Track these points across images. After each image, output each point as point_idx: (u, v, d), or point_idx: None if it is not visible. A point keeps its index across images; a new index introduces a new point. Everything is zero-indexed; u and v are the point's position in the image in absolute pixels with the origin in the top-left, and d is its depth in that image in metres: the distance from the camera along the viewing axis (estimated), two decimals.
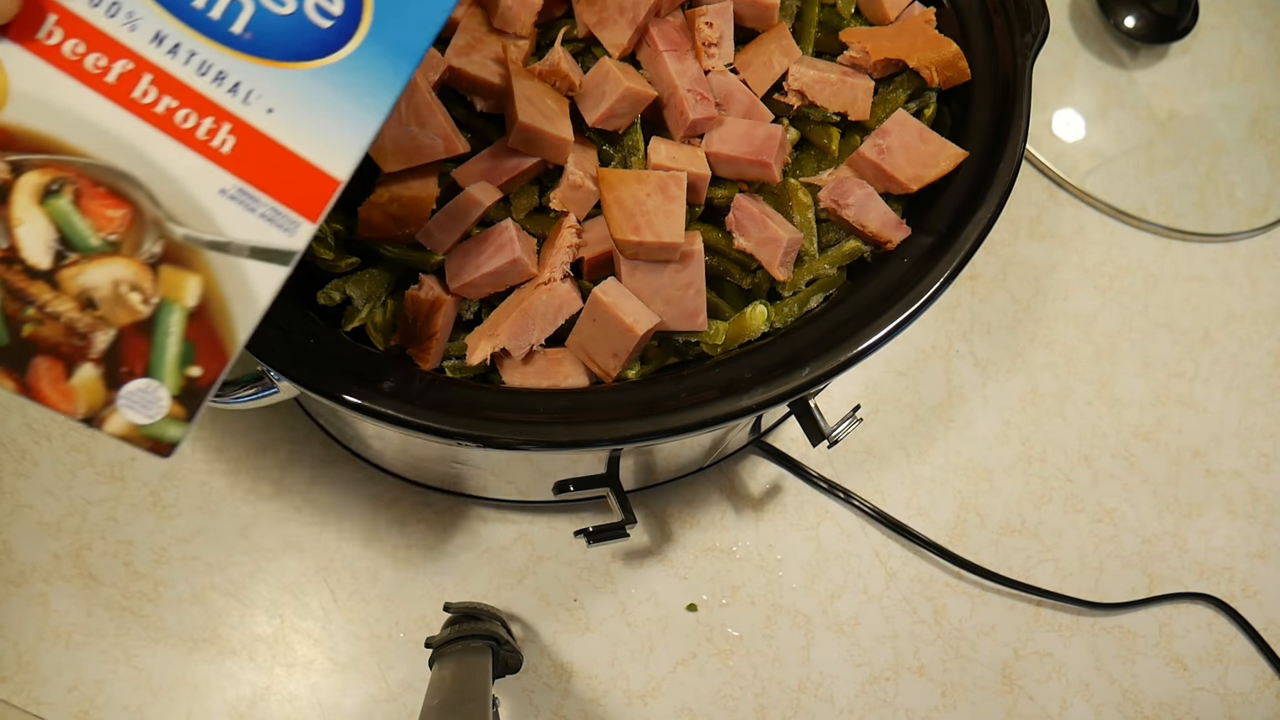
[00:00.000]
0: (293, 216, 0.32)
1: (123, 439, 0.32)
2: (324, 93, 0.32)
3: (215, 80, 0.31)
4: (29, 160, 0.30)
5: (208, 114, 0.31)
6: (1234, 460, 0.69)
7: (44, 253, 0.31)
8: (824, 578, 0.63)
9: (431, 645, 0.52)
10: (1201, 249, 0.74)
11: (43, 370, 0.31)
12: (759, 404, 0.42)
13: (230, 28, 0.31)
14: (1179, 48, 0.78)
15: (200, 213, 0.32)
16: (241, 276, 0.32)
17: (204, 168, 0.31)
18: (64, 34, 0.30)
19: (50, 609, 0.58)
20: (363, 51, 0.32)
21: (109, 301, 0.31)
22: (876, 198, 0.48)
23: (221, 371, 0.33)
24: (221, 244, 0.32)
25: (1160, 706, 0.62)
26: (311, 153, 0.32)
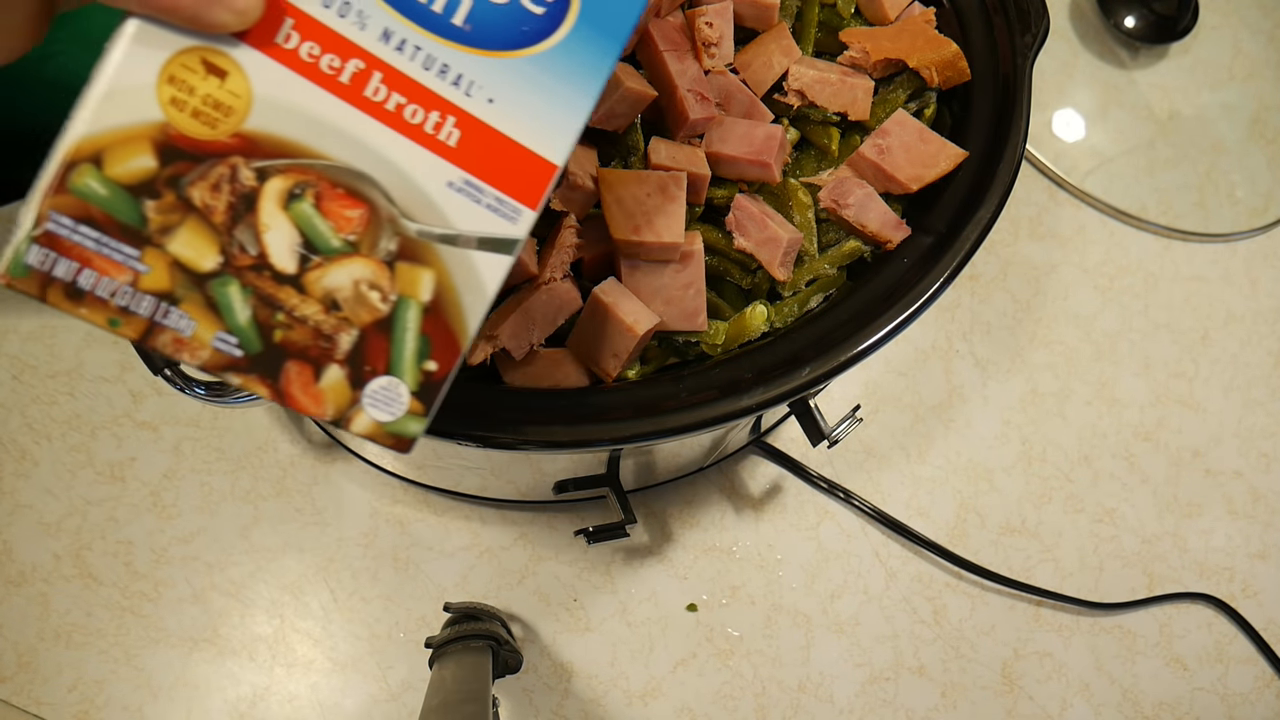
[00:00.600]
0: (515, 205, 0.33)
1: (368, 437, 0.33)
2: (539, 79, 0.32)
3: (439, 74, 0.32)
4: (273, 166, 0.30)
5: (434, 108, 0.32)
6: (1234, 460, 0.69)
7: (290, 257, 0.31)
8: (824, 578, 0.63)
9: (431, 645, 0.52)
10: (1201, 249, 0.74)
11: (294, 374, 0.32)
12: (759, 404, 0.42)
13: (451, 20, 0.31)
14: (1179, 48, 0.78)
15: (431, 207, 0.32)
16: (470, 268, 0.33)
17: (432, 162, 0.32)
18: (300, 37, 0.30)
19: (50, 609, 0.58)
20: (574, 35, 0.33)
21: (351, 302, 0.32)
22: (876, 198, 0.48)
23: (455, 364, 0.33)
24: (451, 237, 0.32)
25: (1160, 706, 0.62)
26: (530, 140, 0.33)
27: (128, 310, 0.30)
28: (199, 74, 0.29)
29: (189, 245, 0.30)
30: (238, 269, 0.31)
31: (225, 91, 0.30)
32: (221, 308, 0.31)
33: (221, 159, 0.30)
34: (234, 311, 0.31)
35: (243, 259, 0.31)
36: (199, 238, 0.30)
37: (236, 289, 0.31)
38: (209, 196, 0.30)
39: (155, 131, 0.29)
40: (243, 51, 0.30)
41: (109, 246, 0.29)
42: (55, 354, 0.62)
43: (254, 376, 0.31)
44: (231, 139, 0.30)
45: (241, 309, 0.31)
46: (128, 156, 0.29)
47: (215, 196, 0.30)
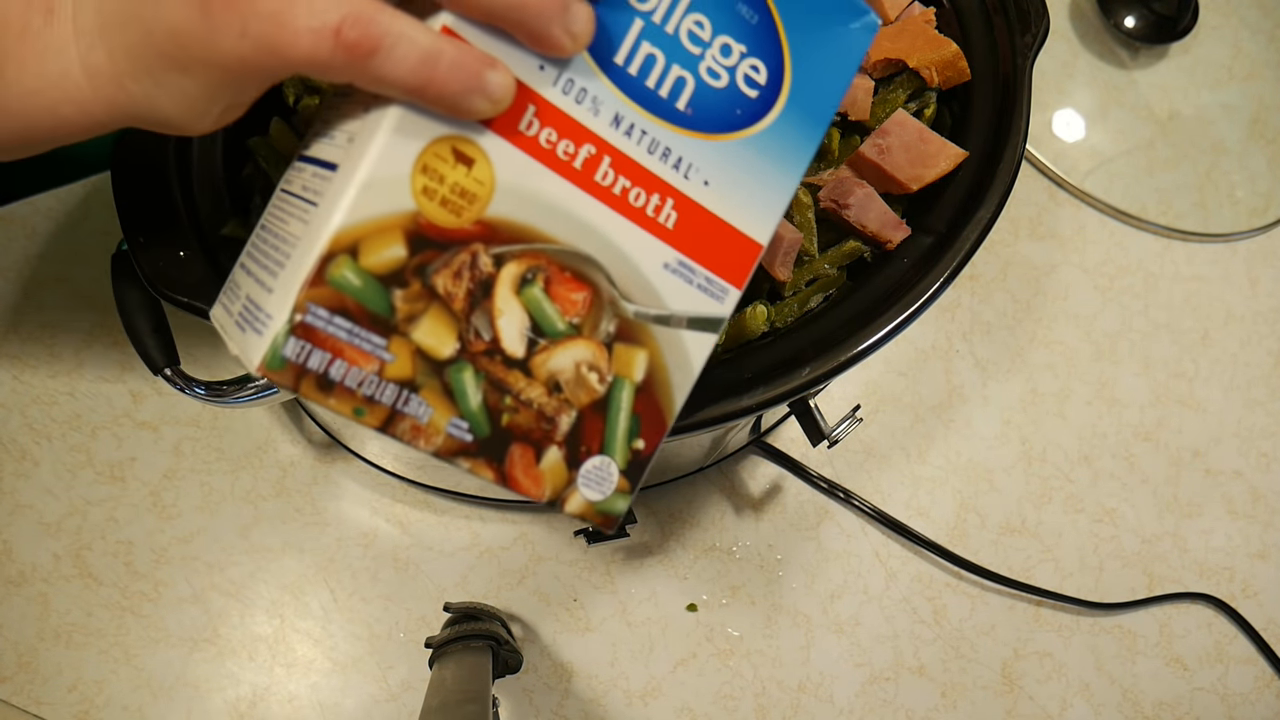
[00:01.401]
0: (722, 284, 0.34)
1: (579, 516, 0.33)
2: (751, 161, 0.33)
3: (662, 157, 0.32)
4: (509, 252, 0.31)
5: (655, 190, 0.32)
6: (1234, 460, 0.69)
7: (519, 341, 0.31)
8: (824, 578, 0.63)
9: (431, 645, 0.52)
10: (1201, 249, 0.74)
11: (517, 457, 0.32)
12: (759, 404, 0.42)
13: (675, 104, 0.32)
14: (1179, 48, 0.78)
15: (647, 288, 0.33)
16: (680, 347, 0.34)
17: (651, 244, 0.32)
18: (540, 124, 0.30)
19: (50, 609, 0.58)
20: (783, 118, 0.34)
21: (572, 383, 0.32)
22: (876, 198, 0.48)
23: (660, 441, 0.34)
24: (665, 317, 0.33)
25: (1160, 706, 0.62)
26: (739, 220, 0.34)
27: (372, 399, 0.30)
28: (449, 162, 0.29)
29: (431, 333, 0.30)
30: (472, 355, 0.31)
31: (471, 179, 0.30)
32: (456, 394, 0.31)
33: (464, 246, 0.30)
34: (467, 397, 0.31)
35: (477, 344, 0.31)
36: (440, 325, 0.30)
37: (470, 374, 0.31)
38: (451, 284, 0.30)
39: (407, 221, 0.29)
40: (489, 139, 0.30)
41: (359, 336, 0.29)
42: (55, 354, 0.62)
43: (482, 460, 0.31)
44: (474, 226, 0.30)
45: (474, 394, 0.31)
46: (382, 247, 0.29)
47: (456, 284, 0.30)
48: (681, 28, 0.32)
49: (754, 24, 0.32)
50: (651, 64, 0.31)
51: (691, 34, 0.32)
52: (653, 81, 0.31)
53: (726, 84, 0.33)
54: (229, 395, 0.45)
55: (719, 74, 0.32)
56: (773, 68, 0.33)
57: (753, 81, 0.33)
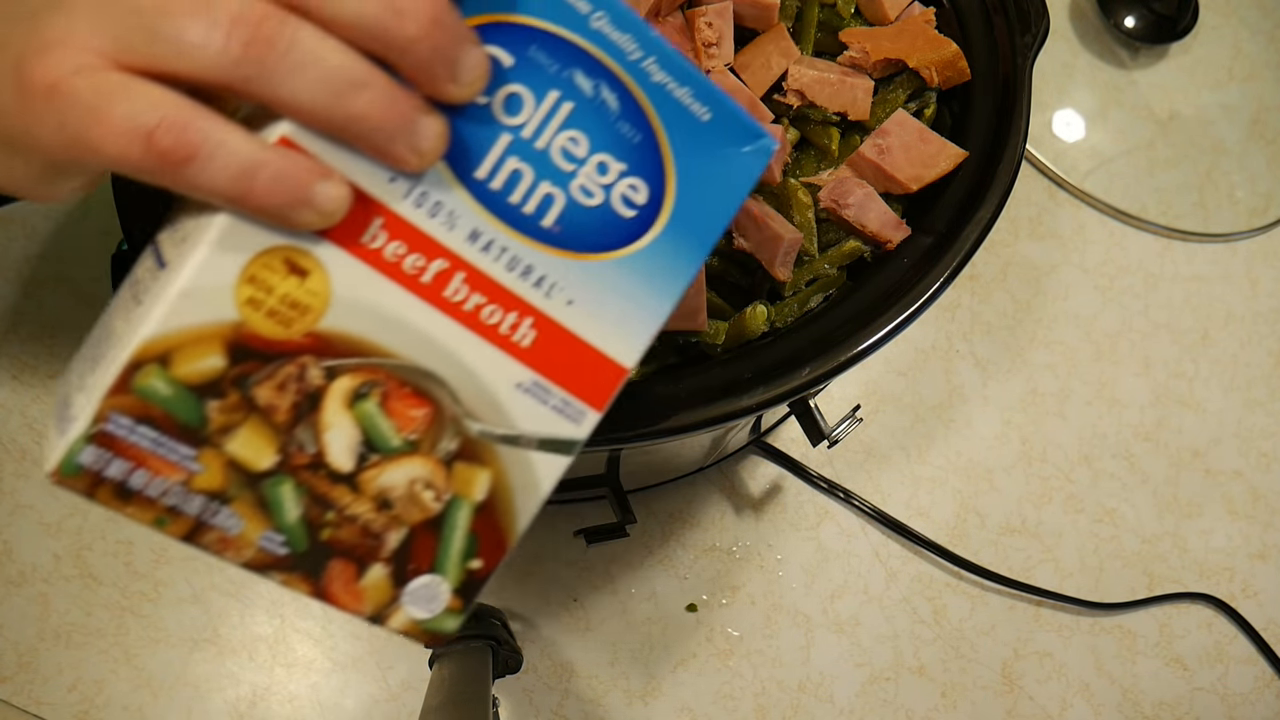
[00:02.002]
0: (581, 406, 0.32)
1: (403, 633, 0.32)
2: (621, 282, 0.32)
3: (522, 275, 0.31)
4: (343, 365, 0.29)
5: (512, 309, 0.31)
6: (1234, 460, 0.69)
7: (347, 456, 0.30)
8: (824, 578, 0.63)
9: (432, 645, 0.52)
10: (1201, 249, 0.74)
11: (336, 573, 0.31)
12: (759, 404, 0.42)
13: (541, 222, 0.31)
14: (1179, 48, 0.78)
15: (496, 407, 0.31)
16: (528, 468, 0.32)
17: (504, 363, 0.31)
18: (387, 236, 0.29)
19: (50, 609, 0.58)
20: (660, 241, 0.32)
21: (404, 500, 0.31)
22: (876, 198, 0.48)
23: (500, 563, 0.33)
24: (513, 438, 0.32)
25: (1160, 706, 0.62)
26: (604, 342, 0.32)
27: (176, 510, 0.28)
28: (280, 273, 0.28)
29: (247, 445, 0.29)
30: (293, 468, 0.29)
31: (304, 290, 0.28)
32: (272, 507, 0.29)
33: (292, 359, 0.29)
34: (284, 511, 0.30)
35: (299, 458, 0.29)
36: (258, 437, 0.29)
37: (290, 488, 0.30)
38: (274, 396, 0.29)
39: (228, 331, 0.28)
40: (327, 250, 0.28)
41: (165, 446, 0.28)
42: (55, 354, 0.62)
43: (297, 575, 0.30)
44: (304, 338, 0.29)
45: (292, 508, 0.30)
46: (197, 357, 0.27)
47: (280, 396, 0.29)
48: (554, 144, 0.30)
49: (636, 142, 0.31)
50: (517, 180, 0.30)
51: (565, 150, 0.30)
52: (517, 198, 0.30)
53: (600, 202, 0.31)
54: None
55: (593, 192, 0.31)
56: (654, 188, 0.32)
57: (630, 201, 0.31)
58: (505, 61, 0.29)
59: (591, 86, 0.30)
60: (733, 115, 0.32)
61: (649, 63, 0.31)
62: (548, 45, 0.30)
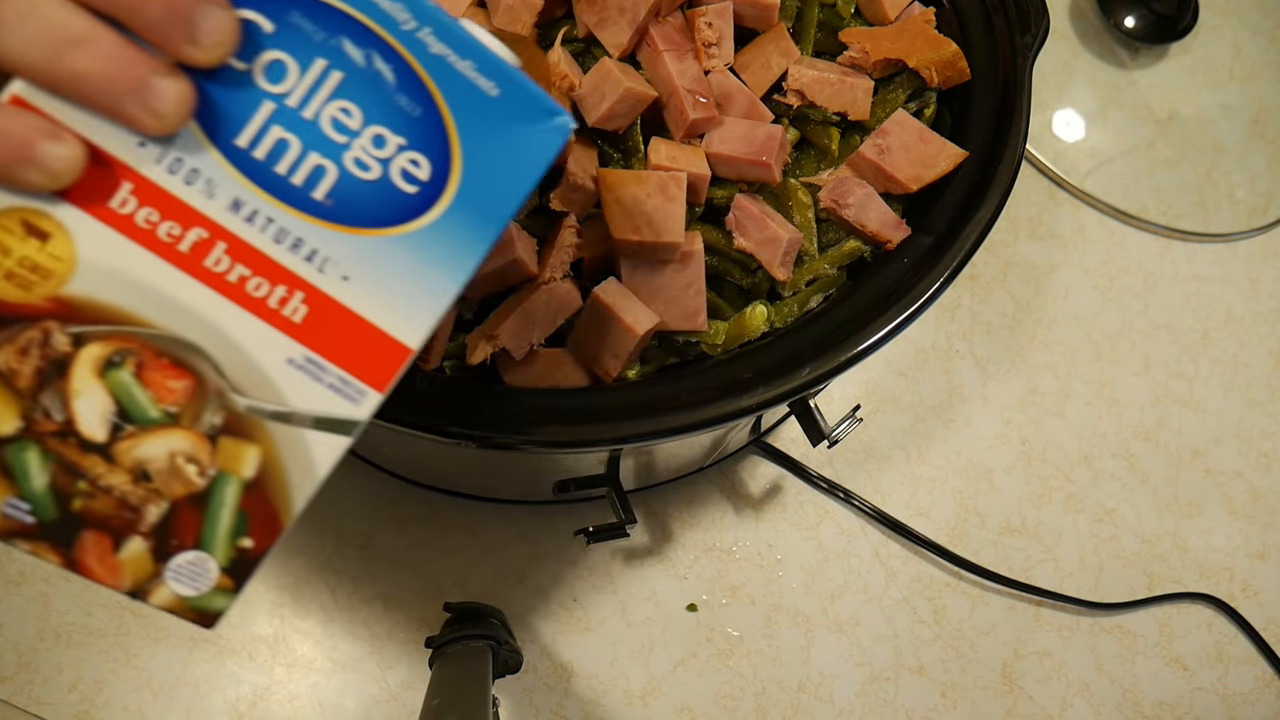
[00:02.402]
0: (360, 386, 0.31)
1: (168, 610, 0.31)
2: (403, 259, 0.31)
3: (291, 248, 0.30)
4: (92, 332, 0.29)
5: (280, 282, 0.30)
6: (1234, 460, 0.69)
7: (100, 425, 0.29)
8: (824, 578, 0.63)
9: (431, 645, 0.52)
10: (1201, 249, 0.74)
11: (90, 544, 0.30)
12: (759, 404, 0.42)
13: (311, 194, 0.30)
14: (1179, 48, 0.78)
15: (265, 383, 0.30)
16: (302, 447, 0.31)
17: (273, 337, 0.30)
18: (138, 202, 0.28)
19: (50, 609, 0.58)
20: (446, 218, 0.31)
21: (164, 474, 0.30)
22: (876, 198, 0.48)
23: (274, 543, 0.32)
24: (285, 415, 0.31)
25: (1160, 706, 0.62)
26: (385, 321, 0.31)
27: None
28: (17, 235, 0.28)
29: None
30: (39, 434, 0.29)
31: (45, 254, 0.28)
32: (16, 473, 0.29)
33: (33, 323, 0.28)
34: (29, 478, 0.29)
35: (46, 424, 0.29)
36: None
37: (35, 455, 0.29)
38: (14, 360, 0.28)
39: None
40: (70, 213, 0.28)
41: None
42: None
43: (44, 544, 0.30)
44: (47, 303, 0.28)
45: (38, 475, 0.29)
46: None
47: (22, 361, 0.28)
48: (324, 114, 0.29)
49: (416, 117, 0.30)
50: (283, 149, 0.29)
51: (336, 121, 0.29)
52: (284, 168, 0.29)
53: (378, 176, 0.30)
54: None
55: (368, 165, 0.30)
56: (438, 164, 0.30)
57: (411, 176, 0.30)
58: (265, 27, 0.28)
59: (363, 56, 0.29)
60: (523, 91, 0.31)
61: (425, 33, 0.29)
62: (312, 11, 0.29)
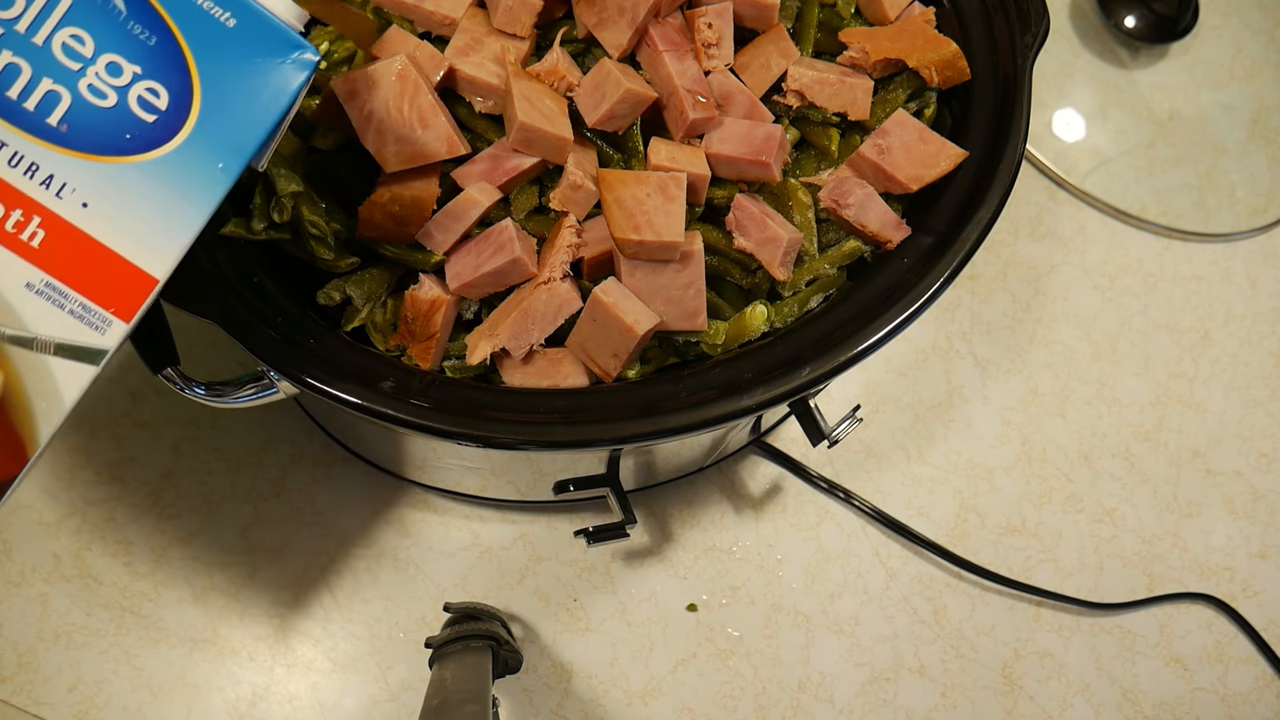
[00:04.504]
0: (104, 314, 0.31)
1: None
2: (145, 188, 0.31)
3: (26, 173, 0.30)
4: None
5: (16, 206, 0.30)
6: (1234, 460, 0.69)
7: None
8: (824, 578, 0.63)
9: (431, 645, 0.52)
10: (1201, 249, 0.74)
11: None
12: (759, 404, 0.42)
13: (46, 119, 0.30)
14: (1179, 48, 0.78)
15: (3, 307, 0.30)
16: (46, 373, 0.31)
17: (9, 261, 0.30)
18: None
19: (50, 609, 0.58)
20: (188, 147, 0.31)
21: None
22: (876, 198, 0.48)
23: (20, 471, 0.31)
24: (25, 340, 0.31)
25: (1160, 706, 0.62)
26: (127, 249, 0.31)
27: None
28: None
29: None
30: None
31: None
32: None
33: None
34: None
35: None
36: None
37: None
38: None
39: None
40: None
41: None
42: None
43: None
44: None
45: None
46: None
47: None
48: (55, 40, 0.29)
49: (151, 45, 0.30)
50: (14, 74, 0.29)
51: (67, 48, 0.30)
52: (15, 93, 0.29)
53: (114, 104, 0.30)
54: (228, 395, 0.45)
55: (104, 93, 0.30)
56: (176, 93, 0.31)
57: (149, 105, 0.30)
58: None
59: None
60: (263, 24, 0.31)
61: None
62: None
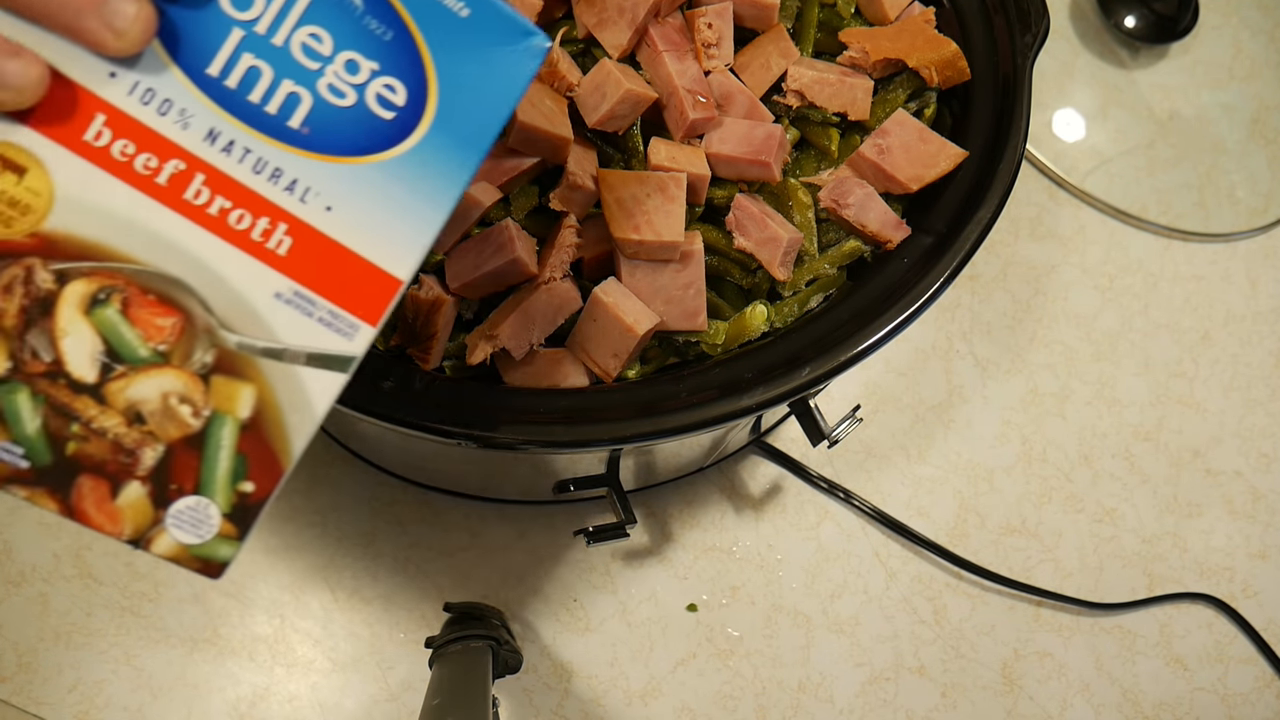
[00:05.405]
0: (351, 320, 0.31)
1: (171, 560, 0.30)
2: (386, 188, 0.30)
3: (271, 178, 0.29)
4: (75, 269, 0.28)
5: (263, 214, 0.29)
6: (1234, 460, 0.69)
7: (90, 366, 0.29)
8: (824, 578, 0.63)
9: (431, 645, 0.52)
10: (1201, 249, 0.74)
11: (87, 490, 0.30)
12: (759, 404, 0.42)
13: (287, 122, 0.29)
14: (1179, 48, 0.78)
15: (254, 319, 0.30)
16: (298, 385, 0.30)
17: (258, 271, 0.30)
18: (113, 134, 0.28)
19: (50, 609, 0.58)
20: (427, 143, 0.30)
21: (158, 415, 0.30)
22: (876, 198, 0.48)
23: (276, 486, 0.31)
24: (276, 351, 0.30)
25: (1160, 706, 0.62)
26: (372, 252, 0.30)
27: None
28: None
29: None
30: (28, 376, 0.29)
31: (23, 189, 0.28)
32: (8, 417, 0.29)
33: (15, 260, 0.28)
34: (21, 421, 0.29)
35: (34, 365, 0.29)
36: None
37: (25, 397, 0.29)
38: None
39: None
40: (44, 146, 0.28)
41: None
42: None
43: (41, 490, 0.29)
44: (28, 239, 0.28)
45: (30, 419, 0.29)
46: None
47: (6, 299, 0.28)
48: (294, 40, 0.29)
49: (388, 41, 0.30)
50: (255, 77, 0.29)
51: (306, 47, 0.29)
52: (257, 96, 0.29)
53: (353, 103, 0.30)
54: None
55: (343, 92, 0.30)
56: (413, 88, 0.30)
57: (387, 102, 0.30)
58: None
59: None
60: (494, 11, 0.30)
61: None
62: None
